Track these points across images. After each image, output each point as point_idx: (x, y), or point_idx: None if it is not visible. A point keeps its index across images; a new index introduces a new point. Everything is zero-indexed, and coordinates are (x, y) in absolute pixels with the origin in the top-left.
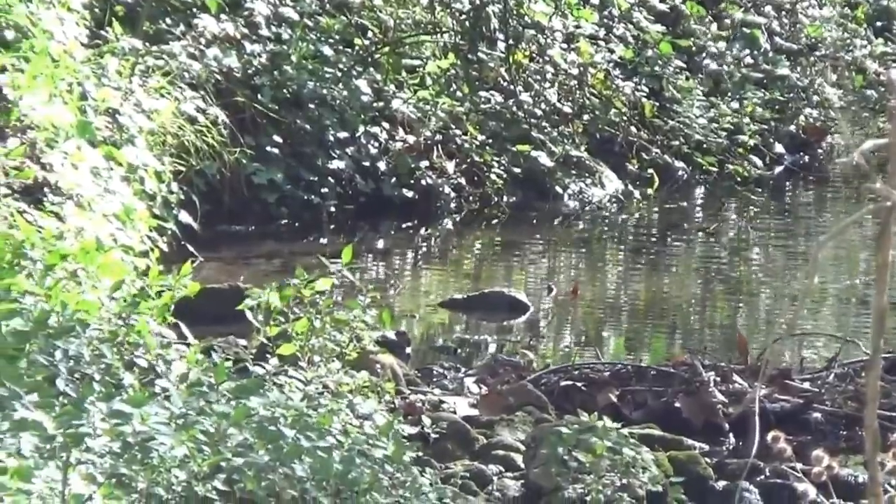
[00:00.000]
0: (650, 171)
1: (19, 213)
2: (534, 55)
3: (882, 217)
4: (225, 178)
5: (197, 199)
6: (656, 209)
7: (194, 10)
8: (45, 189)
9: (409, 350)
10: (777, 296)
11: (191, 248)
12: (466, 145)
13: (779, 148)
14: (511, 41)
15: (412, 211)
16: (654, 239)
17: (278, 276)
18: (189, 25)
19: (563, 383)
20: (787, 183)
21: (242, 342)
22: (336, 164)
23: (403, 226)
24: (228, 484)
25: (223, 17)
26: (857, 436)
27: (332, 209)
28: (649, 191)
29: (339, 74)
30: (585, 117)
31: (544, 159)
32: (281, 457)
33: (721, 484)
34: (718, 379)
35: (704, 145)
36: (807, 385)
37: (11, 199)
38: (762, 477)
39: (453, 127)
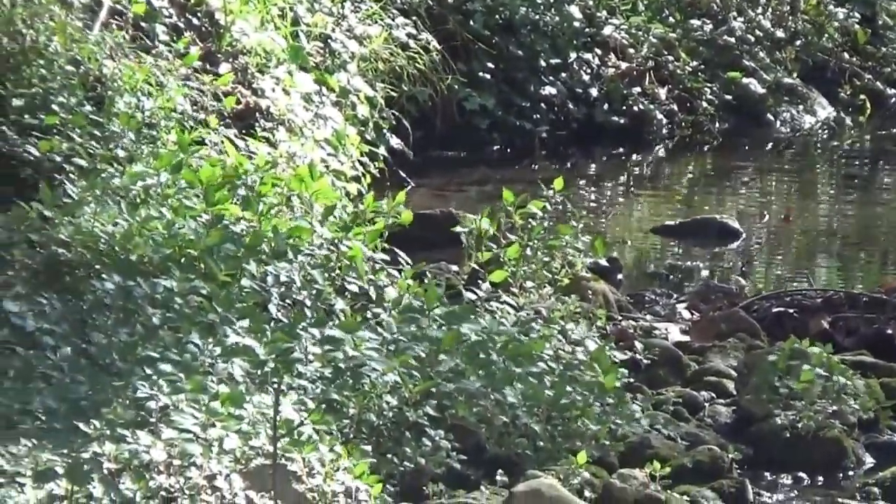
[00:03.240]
0: (862, 97)
1: (230, 140)
2: None
3: None
4: (436, 104)
5: (408, 124)
6: (868, 136)
7: None
8: (257, 115)
9: (620, 276)
10: None
11: (402, 174)
12: (678, 72)
13: None
14: None
15: (624, 137)
16: (865, 166)
17: (490, 202)
18: None
19: (775, 310)
20: None
21: (454, 268)
22: (548, 91)
23: (615, 152)
24: (439, 410)
25: None
26: None
27: (544, 135)
28: (861, 118)
29: (552, 0)
30: (798, 43)
31: (756, 86)
32: (492, 383)
33: None
34: None
35: None
36: None
37: (223, 126)
38: None
39: (665, 53)
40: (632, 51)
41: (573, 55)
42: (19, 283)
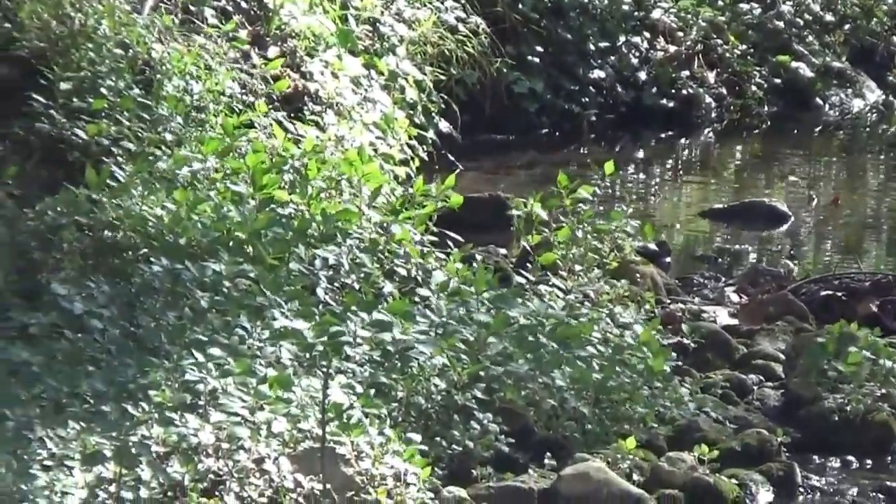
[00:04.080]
0: None
1: (279, 123)
2: None
3: None
4: (485, 87)
5: (457, 108)
6: None
7: None
8: (305, 98)
9: (669, 259)
10: None
11: (451, 157)
12: (727, 55)
13: None
14: None
15: (672, 120)
16: None
17: (538, 185)
18: None
19: (823, 293)
20: None
21: (503, 251)
22: (597, 74)
23: (663, 135)
24: (488, 393)
25: None
26: None
27: (593, 118)
28: None
29: None
30: (846, 27)
31: (805, 70)
32: (540, 366)
33: None
34: None
35: None
36: None
37: (271, 109)
38: None
39: (714, 36)
40: (680, 34)
41: (622, 38)
42: (68, 266)
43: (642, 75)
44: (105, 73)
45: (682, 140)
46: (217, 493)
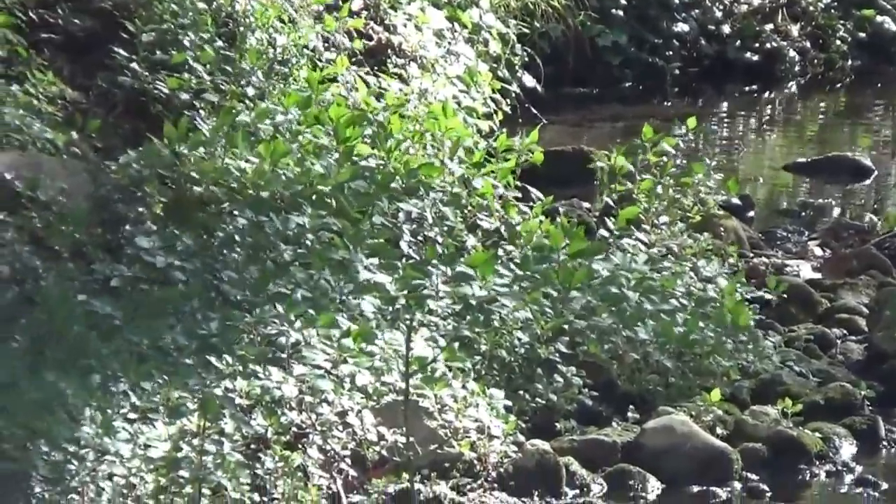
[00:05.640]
0: None
1: (361, 77)
2: None
3: None
4: (569, 40)
5: (540, 61)
6: None
7: None
8: (389, 51)
9: (752, 213)
10: None
11: (534, 111)
12: (811, 9)
13: None
14: None
15: (756, 74)
16: None
17: (621, 138)
18: None
19: None
20: None
21: (586, 204)
22: (680, 27)
23: (747, 89)
24: (571, 346)
25: None
26: None
27: (676, 72)
28: None
29: None
30: None
31: (889, 24)
32: (624, 319)
33: None
34: None
35: None
36: None
37: (354, 63)
38: None
39: None
40: None
41: None
42: (150, 220)
43: (726, 28)
44: (187, 26)
45: (766, 94)
46: (300, 446)
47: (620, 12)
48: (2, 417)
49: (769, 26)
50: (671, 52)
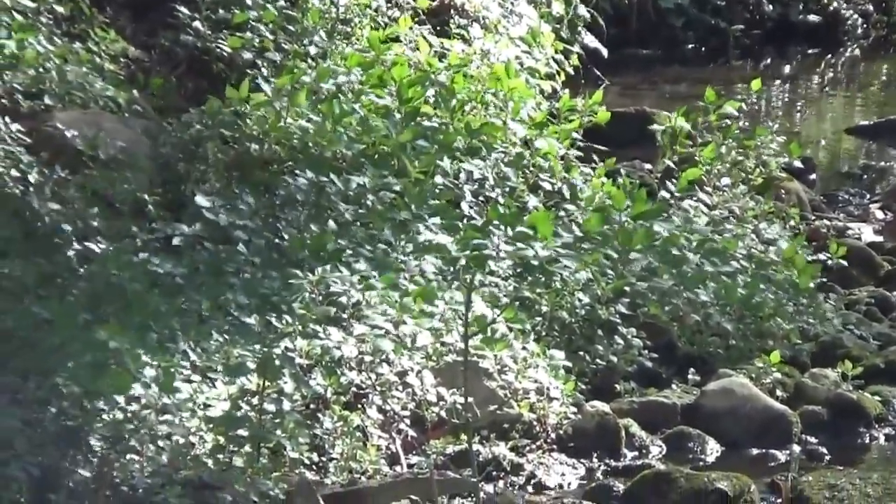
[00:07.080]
0: None
1: (424, 37)
2: None
3: None
4: (632, 1)
5: (603, 22)
6: None
7: None
8: (451, 11)
9: (814, 176)
10: None
11: (596, 72)
12: None
13: None
14: None
15: (818, 37)
16: None
17: (684, 100)
18: None
19: None
20: None
21: (647, 166)
22: None
23: (809, 51)
24: (632, 308)
25: None
26: None
27: (739, 34)
28: None
29: None
30: None
31: None
32: (685, 281)
33: None
34: None
35: None
36: None
37: (417, 23)
38: None
39: None
40: None
41: None
42: (212, 178)
43: None
44: None
45: (828, 56)
46: (360, 406)
47: None
48: (61, 375)
49: None
50: (734, 15)
